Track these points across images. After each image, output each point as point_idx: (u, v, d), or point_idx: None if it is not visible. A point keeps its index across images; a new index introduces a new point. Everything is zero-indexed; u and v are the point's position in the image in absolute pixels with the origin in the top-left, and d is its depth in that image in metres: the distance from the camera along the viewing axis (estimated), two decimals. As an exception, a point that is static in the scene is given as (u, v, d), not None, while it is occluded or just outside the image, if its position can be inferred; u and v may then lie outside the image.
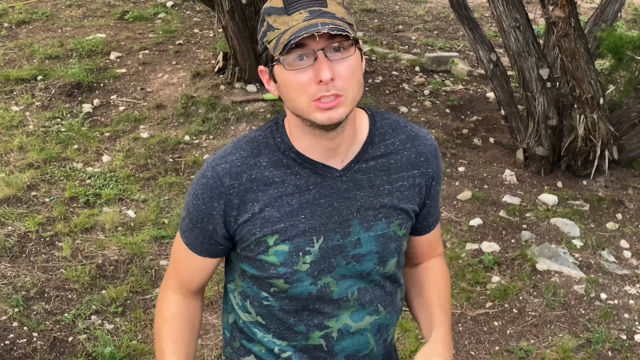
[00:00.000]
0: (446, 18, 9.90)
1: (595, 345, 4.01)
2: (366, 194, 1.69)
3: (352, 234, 1.69)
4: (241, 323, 1.82)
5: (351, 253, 1.69)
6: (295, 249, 1.66)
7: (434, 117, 6.82)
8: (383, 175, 1.71)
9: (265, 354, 1.80)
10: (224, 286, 1.91)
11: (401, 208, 1.73)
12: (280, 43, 1.51)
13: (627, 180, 5.86)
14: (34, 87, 6.98)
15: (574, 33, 5.10)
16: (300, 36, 1.47)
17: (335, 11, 1.54)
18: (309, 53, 1.52)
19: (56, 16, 8.88)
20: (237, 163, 1.65)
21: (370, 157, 1.70)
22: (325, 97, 1.53)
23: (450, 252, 4.73)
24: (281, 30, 1.53)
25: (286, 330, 1.74)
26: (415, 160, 1.75)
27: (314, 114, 1.55)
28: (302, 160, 1.65)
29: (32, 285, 4.29)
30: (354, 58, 1.55)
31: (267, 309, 1.74)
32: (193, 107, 6.66)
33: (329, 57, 1.52)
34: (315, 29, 1.47)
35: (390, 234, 1.72)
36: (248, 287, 1.75)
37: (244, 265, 1.73)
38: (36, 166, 5.61)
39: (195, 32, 8.55)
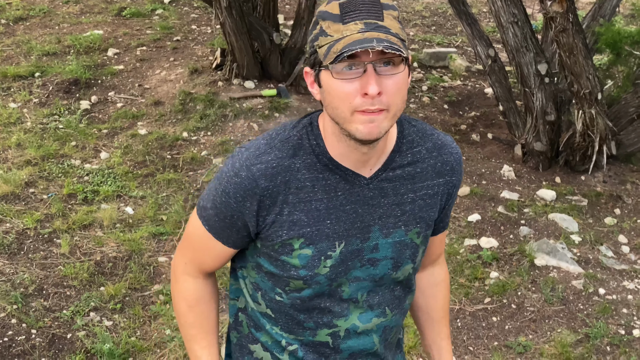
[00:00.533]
0: (444, 14, 9.89)
1: (594, 341, 4.01)
2: (389, 202, 1.70)
3: (371, 239, 1.70)
4: (250, 310, 1.83)
5: (367, 257, 1.71)
6: (318, 253, 1.67)
7: (432, 113, 6.82)
8: (408, 183, 1.72)
9: (271, 345, 1.81)
10: (231, 270, 1.90)
11: (421, 216, 1.75)
12: (332, 52, 1.49)
13: (625, 175, 5.86)
14: (31, 84, 6.96)
15: (572, 28, 5.09)
16: (354, 50, 1.46)
17: (390, 26, 1.53)
18: (358, 64, 1.50)
19: (53, 12, 8.86)
20: (272, 164, 1.63)
21: (397, 166, 1.71)
22: (370, 110, 1.52)
23: (449, 248, 4.73)
24: (334, 37, 1.52)
25: (295, 325, 1.75)
26: (441, 169, 1.77)
27: (355, 125, 1.54)
28: (334, 166, 1.65)
29: (30, 282, 4.29)
30: (402, 75, 1.54)
31: (278, 304, 1.74)
32: (191, 103, 6.66)
33: (377, 70, 1.50)
34: (370, 45, 1.45)
35: (407, 242, 1.74)
36: (262, 280, 1.75)
37: (261, 260, 1.73)
38: (34, 163, 5.61)
39: (193, 28, 8.54)
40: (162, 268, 4.50)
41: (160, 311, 4.11)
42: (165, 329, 3.98)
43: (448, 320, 2.09)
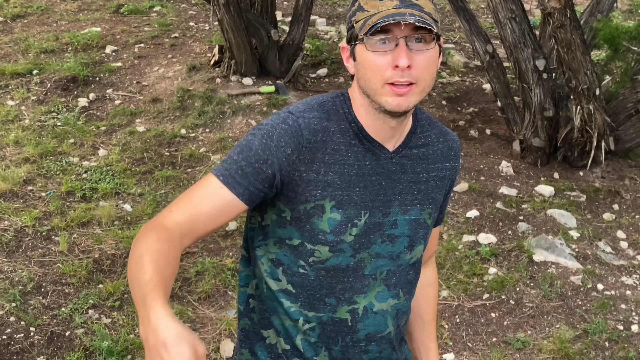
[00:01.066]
0: (442, 10, 9.89)
1: (592, 336, 4.02)
2: (408, 179, 1.77)
3: (392, 214, 1.76)
4: (266, 292, 1.80)
5: (387, 232, 1.76)
6: (345, 219, 1.70)
7: (430, 109, 6.82)
8: (423, 163, 1.79)
9: (285, 328, 1.80)
10: (242, 256, 1.88)
11: (432, 197, 1.82)
12: (367, 24, 1.57)
13: (624, 170, 5.86)
14: (29, 82, 6.96)
15: (569, 24, 5.09)
16: (387, 21, 1.54)
17: (424, 5, 1.61)
18: (392, 38, 1.57)
19: (51, 10, 8.85)
20: (314, 121, 1.68)
21: (414, 145, 1.78)
22: (399, 82, 1.59)
23: (447, 244, 4.73)
24: (370, 12, 1.60)
25: (316, 300, 1.76)
26: (448, 154, 1.85)
27: (385, 97, 1.61)
28: (363, 136, 1.71)
29: (29, 279, 4.29)
30: (432, 52, 1.62)
31: (301, 277, 1.74)
32: (189, 100, 6.65)
33: (409, 46, 1.58)
34: (402, 18, 1.53)
35: (421, 221, 1.81)
36: (284, 255, 1.74)
37: (287, 230, 1.72)
38: (32, 161, 5.60)
39: (191, 25, 8.53)
40: (161, 265, 4.50)
41: (159, 308, 4.11)
42: (164, 326, 3.98)
43: (436, 323, 2.14)
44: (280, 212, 1.70)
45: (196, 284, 4.34)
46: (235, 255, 4.60)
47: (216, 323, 4.05)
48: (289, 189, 1.66)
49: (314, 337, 1.78)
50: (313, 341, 1.78)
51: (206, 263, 4.48)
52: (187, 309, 4.14)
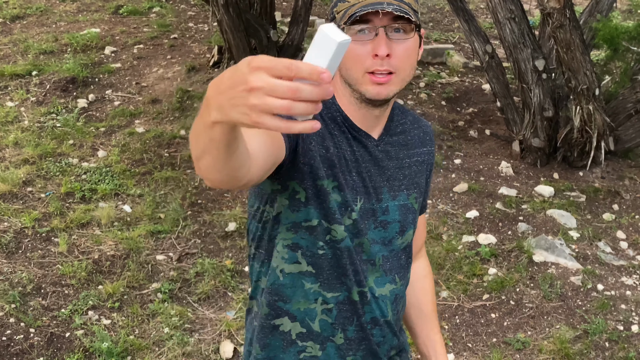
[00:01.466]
0: (441, 10, 9.89)
1: (593, 336, 4.01)
2: (393, 165, 1.81)
3: (383, 200, 1.79)
4: (282, 280, 1.78)
5: (380, 218, 1.78)
6: (345, 203, 1.72)
7: (429, 109, 6.82)
8: (404, 149, 1.84)
9: (302, 312, 1.79)
10: (251, 255, 1.86)
11: (417, 182, 1.86)
12: (347, 14, 1.61)
13: (623, 171, 5.86)
14: (28, 83, 6.95)
15: (569, 24, 5.09)
16: (366, 10, 1.57)
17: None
18: (371, 28, 1.60)
19: (50, 11, 8.85)
20: None
21: (394, 133, 1.82)
22: (379, 71, 1.61)
23: (447, 245, 4.73)
24: (351, 3, 1.63)
25: (334, 280, 1.77)
26: (424, 139, 1.91)
27: (365, 86, 1.64)
28: (350, 125, 1.74)
29: (28, 281, 4.29)
30: (412, 41, 1.64)
31: (321, 258, 1.75)
32: (188, 101, 6.65)
33: (389, 35, 1.61)
34: (381, 7, 1.56)
35: (409, 206, 1.84)
36: (301, 238, 1.74)
37: (302, 213, 1.70)
38: (32, 162, 5.60)
39: (190, 26, 8.53)
40: (160, 266, 4.50)
41: (158, 309, 4.11)
42: (163, 327, 3.98)
43: (437, 314, 2.16)
44: (294, 194, 1.68)
45: (196, 285, 4.34)
46: (235, 256, 4.60)
47: (216, 324, 4.04)
48: (305, 160, 1.65)
49: (331, 318, 1.79)
50: (330, 322, 1.79)
51: (206, 264, 4.47)
52: (187, 309, 4.13)
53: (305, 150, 1.64)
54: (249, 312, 1.93)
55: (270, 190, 1.69)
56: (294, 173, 1.64)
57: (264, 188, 1.70)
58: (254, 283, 1.86)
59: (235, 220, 4.93)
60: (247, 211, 1.85)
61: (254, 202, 1.77)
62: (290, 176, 1.65)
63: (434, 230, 4.91)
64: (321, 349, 1.82)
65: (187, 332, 3.97)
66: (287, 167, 1.62)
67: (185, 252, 4.65)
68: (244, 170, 1.35)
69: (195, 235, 4.82)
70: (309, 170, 1.65)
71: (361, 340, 1.83)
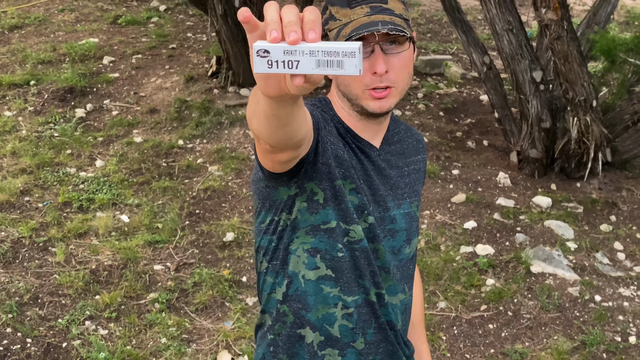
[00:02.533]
0: (439, 21, 9.92)
1: (590, 348, 4.01)
2: (395, 174, 1.83)
3: (390, 209, 1.80)
4: (303, 287, 1.77)
5: (388, 227, 1.80)
6: (361, 205, 1.73)
7: (427, 120, 6.83)
8: (402, 158, 1.86)
9: (321, 319, 1.78)
10: (262, 270, 1.83)
11: (416, 190, 1.88)
12: (341, 36, 1.62)
13: (621, 182, 5.87)
14: (26, 92, 6.96)
15: (566, 35, 5.11)
16: (361, 33, 1.58)
17: (394, 7, 1.65)
18: (366, 45, 1.62)
19: (49, 21, 8.86)
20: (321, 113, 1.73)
21: (392, 142, 1.85)
22: (379, 87, 1.65)
23: (445, 255, 4.73)
24: (342, 22, 1.64)
25: (354, 283, 1.77)
26: (417, 147, 1.93)
27: (366, 101, 1.67)
28: (352, 136, 1.75)
29: (25, 291, 4.28)
30: (407, 52, 1.67)
31: (340, 261, 1.75)
32: (186, 111, 6.66)
33: (384, 50, 1.63)
34: (375, 29, 1.57)
35: (413, 214, 1.86)
36: (320, 241, 1.73)
37: (320, 215, 1.70)
38: (29, 171, 5.60)
39: (189, 36, 8.54)
40: (158, 276, 4.49)
41: (155, 319, 4.10)
42: (161, 338, 3.97)
43: (424, 323, 2.17)
44: (312, 195, 1.69)
45: (193, 295, 4.33)
46: (233, 266, 4.59)
47: (213, 334, 4.03)
48: (323, 160, 1.66)
49: (352, 322, 1.79)
50: (351, 327, 1.79)
51: (203, 274, 4.47)
52: (184, 320, 4.12)
53: (324, 150, 1.65)
54: (261, 327, 1.90)
55: (287, 196, 1.69)
56: (313, 173, 1.66)
57: (278, 197, 1.70)
58: (267, 296, 1.83)
59: (233, 231, 4.93)
60: (254, 232, 1.84)
61: (265, 217, 1.76)
62: (310, 177, 1.66)
63: (432, 240, 4.91)
64: (340, 354, 1.80)
65: (184, 343, 3.96)
66: (307, 166, 1.63)
67: (183, 262, 4.64)
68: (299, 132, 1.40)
69: (193, 245, 4.81)
70: (327, 170, 1.67)
71: (380, 343, 1.83)
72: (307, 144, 1.52)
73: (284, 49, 1.00)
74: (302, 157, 1.57)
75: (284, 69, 1.01)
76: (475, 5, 10.26)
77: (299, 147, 1.47)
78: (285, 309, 1.80)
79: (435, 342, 4.04)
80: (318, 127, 1.62)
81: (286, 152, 1.47)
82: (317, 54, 1.01)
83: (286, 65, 1.01)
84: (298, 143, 1.43)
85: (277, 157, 1.51)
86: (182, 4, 9.54)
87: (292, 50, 1.00)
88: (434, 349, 4.00)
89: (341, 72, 1.01)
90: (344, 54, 1.00)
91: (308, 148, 1.56)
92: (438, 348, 4.00)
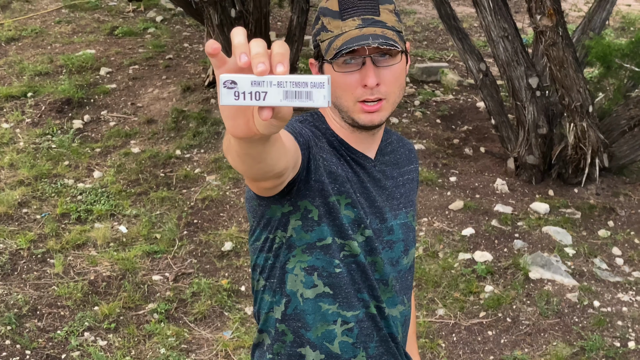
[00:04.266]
0: (435, 28, 9.94)
1: (589, 353, 4.01)
2: (390, 184, 1.81)
3: (387, 220, 1.79)
4: (302, 305, 1.76)
5: (385, 239, 1.78)
6: (358, 219, 1.71)
7: (424, 127, 6.84)
8: (396, 168, 1.85)
9: (321, 338, 1.76)
10: (259, 288, 1.82)
11: (411, 200, 1.87)
12: (332, 49, 1.60)
13: (618, 187, 5.88)
14: (23, 104, 6.96)
15: (562, 42, 5.12)
16: (351, 47, 1.56)
17: (386, 20, 1.64)
18: (358, 57, 1.61)
19: (45, 32, 8.88)
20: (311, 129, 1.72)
21: (385, 152, 1.83)
22: (370, 100, 1.62)
23: (443, 262, 4.73)
24: (334, 33, 1.63)
25: (353, 297, 1.76)
26: (410, 156, 1.92)
27: (357, 114, 1.65)
28: (347, 148, 1.74)
29: (24, 302, 4.27)
30: (399, 65, 1.65)
31: (337, 277, 1.73)
32: (184, 121, 6.66)
33: (376, 62, 1.61)
34: (366, 43, 1.55)
35: (409, 224, 1.85)
36: (317, 258, 1.72)
37: (315, 233, 1.69)
38: (27, 183, 5.60)
39: (185, 46, 8.56)
40: (156, 287, 4.49)
41: (154, 330, 4.10)
42: (160, 348, 3.97)
43: (416, 334, 2.17)
44: (306, 213, 1.67)
45: (192, 305, 4.33)
46: (231, 275, 4.59)
47: (212, 344, 4.03)
48: (316, 177, 1.64)
49: (352, 337, 1.77)
50: (352, 342, 1.78)
51: (202, 284, 4.47)
52: (183, 330, 4.12)
53: (316, 168, 1.64)
54: (258, 346, 1.89)
55: (281, 214, 1.67)
56: (306, 191, 1.64)
57: (272, 215, 1.68)
58: (265, 315, 1.82)
59: (232, 240, 4.93)
60: (249, 250, 1.83)
61: (260, 235, 1.74)
62: (303, 195, 1.64)
63: (430, 248, 4.91)
64: None
65: (183, 353, 3.95)
66: (300, 185, 1.61)
67: (182, 272, 4.64)
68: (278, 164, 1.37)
69: (192, 255, 4.81)
70: (320, 188, 1.65)
71: (382, 355, 1.82)
72: (292, 170, 1.50)
73: (252, 80, 0.99)
74: (293, 178, 1.56)
75: (251, 100, 0.99)
76: (470, 12, 10.28)
77: (281, 177, 1.44)
78: (285, 328, 1.79)
79: (435, 350, 4.03)
80: (308, 146, 1.61)
81: (268, 181, 1.45)
82: (285, 85, 0.99)
83: (253, 97, 0.99)
84: (278, 174, 1.40)
85: (261, 185, 1.49)
86: (178, 15, 9.56)
87: (260, 82, 0.99)
88: (433, 356, 4.00)
89: (309, 104, 1.00)
90: (313, 85, 0.99)
91: (295, 173, 1.54)
92: (437, 355, 4.00)
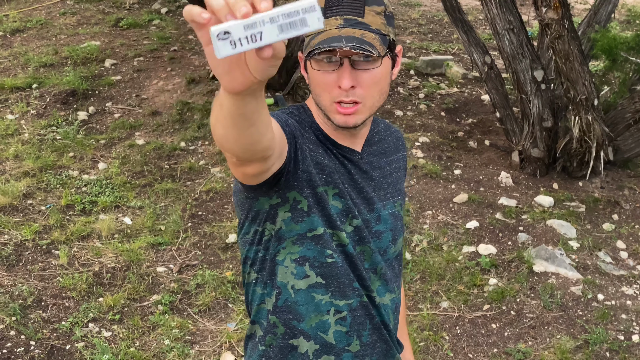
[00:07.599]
0: (440, 21, 9.92)
1: (593, 347, 4.01)
2: (378, 175, 1.80)
3: (375, 210, 1.78)
4: (293, 297, 1.75)
5: (374, 229, 1.78)
6: (346, 209, 1.71)
7: (429, 120, 6.83)
8: (383, 158, 1.84)
9: (315, 328, 1.77)
10: (250, 280, 1.82)
11: (399, 188, 1.87)
12: (310, 45, 1.57)
13: (623, 180, 5.87)
14: (29, 96, 6.97)
15: (567, 35, 5.11)
16: (323, 48, 1.52)
17: (371, 22, 1.59)
18: (336, 58, 1.57)
19: (50, 24, 8.88)
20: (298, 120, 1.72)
21: (372, 143, 1.82)
22: (345, 102, 1.60)
23: (447, 255, 4.73)
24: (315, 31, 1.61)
25: (346, 287, 1.76)
26: (397, 144, 1.91)
27: (333, 114, 1.63)
28: (332, 143, 1.72)
29: (29, 293, 4.29)
30: (379, 69, 1.60)
31: (330, 267, 1.73)
32: (188, 113, 6.66)
33: (355, 65, 1.57)
34: (338, 45, 1.51)
35: (397, 213, 1.85)
36: (308, 248, 1.71)
37: (305, 223, 1.68)
38: (32, 174, 5.61)
39: (190, 38, 8.55)
40: (161, 278, 4.50)
41: (159, 321, 4.11)
42: (164, 339, 3.98)
43: (406, 321, 2.19)
44: (295, 204, 1.66)
45: (196, 297, 4.34)
46: (236, 267, 4.60)
47: (216, 335, 4.04)
48: (303, 168, 1.63)
49: (345, 326, 1.78)
50: (345, 331, 1.78)
51: (206, 276, 4.47)
52: (188, 321, 4.13)
53: (304, 158, 1.63)
54: (251, 338, 1.89)
55: (269, 206, 1.66)
56: (294, 182, 1.62)
57: (260, 207, 1.67)
58: (256, 307, 1.82)
59: (236, 232, 4.94)
60: (239, 244, 1.82)
61: (249, 228, 1.73)
62: (291, 186, 1.63)
63: (434, 240, 4.91)
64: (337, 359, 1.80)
65: (187, 344, 3.97)
66: (288, 176, 1.60)
67: (186, 263, 4.65)
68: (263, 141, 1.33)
69: (196, 246, 4.82)
70: (308, 178, 1.64)
71: (375, 343, 1.83)
72: (277, 158, 1.48)
73: (244, 24, 0.96)
74: (280, 168, 1.54)
75: (249, 44, 0.96)
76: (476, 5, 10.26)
77: (266, 160, 1.41)
78: (276, 320, 1.79)
79: (438, 342, 4.04)
80: (294, 136, 1.59)
81: (254, 164, 1.41)
82: (278, 19, 0.96)
83: (250, 40, 0.96)
84: (264, 152, 1.36)
85: (246, 170, 1.45)
86: (183, 6, 9.55)
87: (252, 23, 0.96)
88: (437, 348, 4.00)
89: (306, 30, 0.97)
90: (304, 11, 0.96)
91: (281, 163, 1.52)
92: (441, 348, 4.00)
